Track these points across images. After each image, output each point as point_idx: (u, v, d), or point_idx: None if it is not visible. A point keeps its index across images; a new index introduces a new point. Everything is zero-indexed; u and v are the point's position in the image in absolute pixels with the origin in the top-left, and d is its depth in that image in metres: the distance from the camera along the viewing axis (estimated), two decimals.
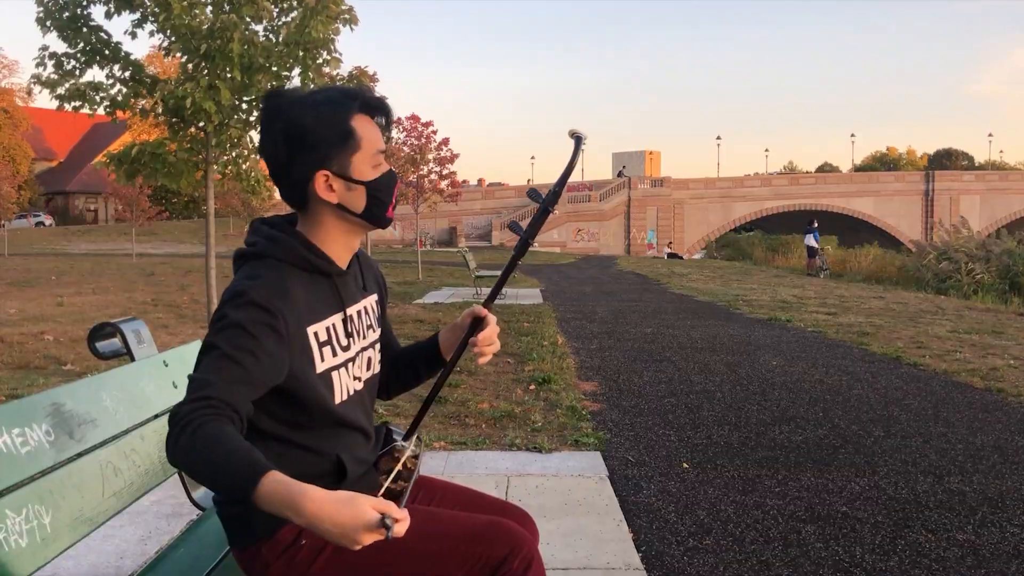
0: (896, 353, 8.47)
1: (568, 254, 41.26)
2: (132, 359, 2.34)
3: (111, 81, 6.29)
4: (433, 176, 21.54)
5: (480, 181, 71.18)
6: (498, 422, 5.40)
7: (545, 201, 1.87)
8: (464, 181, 57.01)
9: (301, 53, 6.00)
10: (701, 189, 58.93)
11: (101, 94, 6.18)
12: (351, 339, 1.80)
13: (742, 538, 3.45)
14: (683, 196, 56.99)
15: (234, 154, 6.44)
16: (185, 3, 5.82)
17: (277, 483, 1.39)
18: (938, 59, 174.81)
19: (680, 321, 11.58)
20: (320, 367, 1.70)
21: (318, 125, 1.67)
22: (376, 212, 1.75)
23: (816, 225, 28.21)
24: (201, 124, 6.22)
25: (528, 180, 77.40)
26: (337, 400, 1.75)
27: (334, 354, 1.75)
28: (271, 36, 6.20)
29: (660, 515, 3.72)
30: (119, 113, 6.34)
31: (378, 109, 1.76)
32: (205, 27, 5.75)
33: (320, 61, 6.06)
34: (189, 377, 1.55)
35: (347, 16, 6.14)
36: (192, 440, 1.43)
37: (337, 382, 1.75)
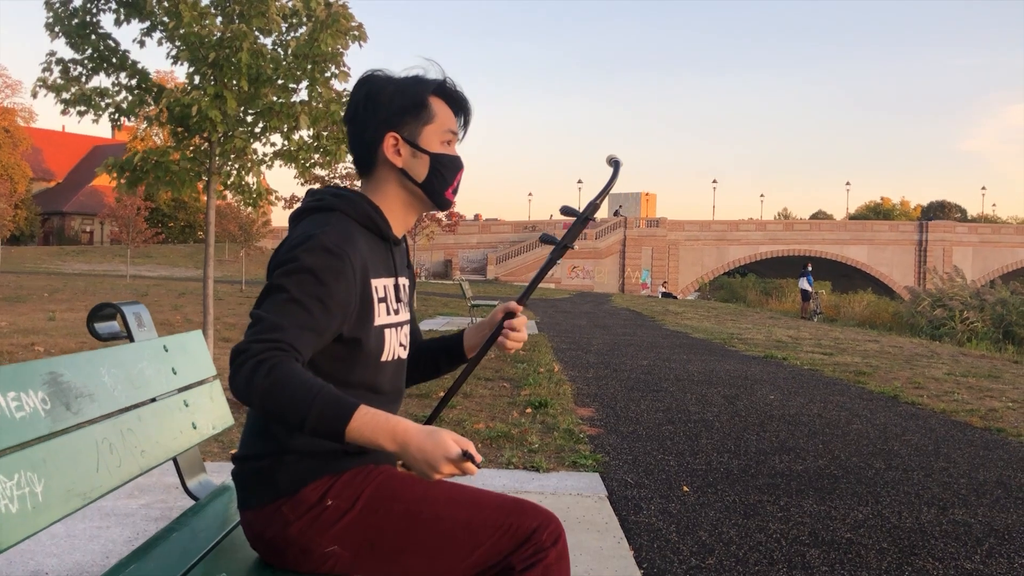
0: (894, 392, 8.41)
1: (563, 290, 41.26)
2: (132, 342, 2.28)
3: (117, 88, 6.26)
4: None
5: (477, 216, 71.38)
6: (494, 442, 5.31)
7: (586, 211, 1.94)
8: (461, 216, 57.25)
9: (310, 66, 5.99)
10: (696, 231, 59.19)
11: (107, 100, 6.15)
12: (400, 305, 1.83)
13: (746, 559, 3.37)
14: (678, 237, 57.22)
15: (237, 165, 6.39)
16: (196, 12, 5.82)
17: (369, 414, 1.48)
18: (933, 114, 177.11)
19: (676, 355, 11.51)
20: (377, 320, 1.73)
21: (396, 91, 1.78)
22: (436, 186, 1.82)
23: (810, 269, 28.29)
24: (206, 134, 6.19)
25: (527, 217, 77.69)
26: (383, 357, 1.77)
27: (388, 313, 1.77)
28: (280, 50, 6.20)
29: (661, 534, 3.63)
30: (124, 121, 6.31)
31: (456, 100, 1.86)
32: (215, 36, 5.74)
33: (328, 75, 6.05)
34: (254, 314, 1.56)
35: (356, 33, 6.15)
36: (270, 378, 1.46)
37: (388, 340, 1.78)
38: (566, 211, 1.98)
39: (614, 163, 1.92)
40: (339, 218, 1.72)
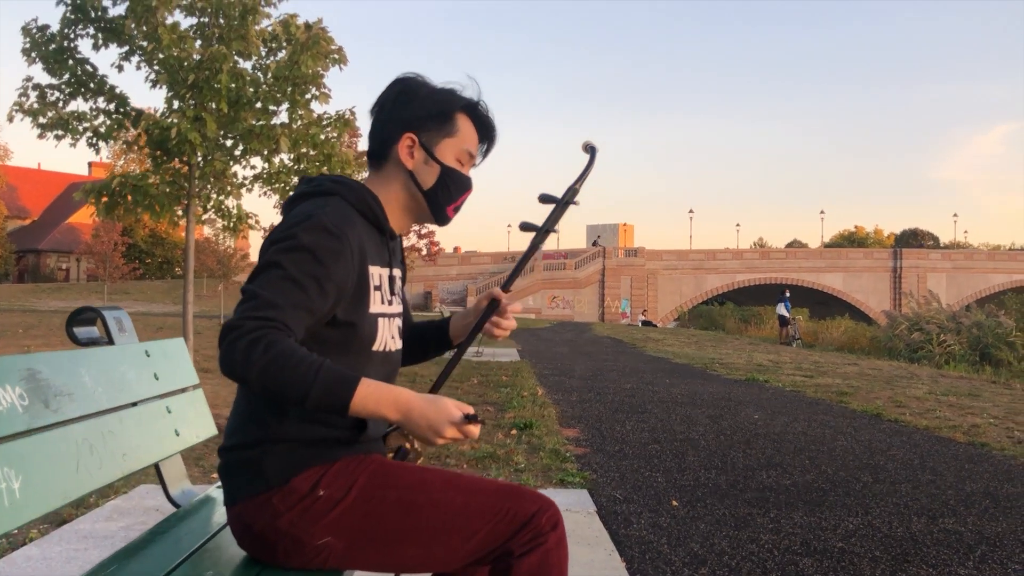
0: (876, 411, 8.41)
1: (543, 320, 41.22)
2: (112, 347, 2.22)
3: (95, 112, 6.22)
4: (412, 235, 21.57)
5: (456, 249, 71.38)
6: (480, 463, 5.24)
7: (565, 196, 1.92)
8: (440, 249, 57.29)
9: (290, 88, 5.98)
10: (674, 260, 59.49)
11: (84, 124, 6.10)
12: (393, 298, 1.80)
13: (739, 569, 3.32)
14: (657, 267, 57.47)
15: (217, 188, 6.35)
16: (175, 35, 5.80)
17: (372, 385, 1.52)
18: (904, 145, 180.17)
19: (658, 379, 11.49)
20: (372, 308, 1.71)
21: (427, 96, 1.79)
22: (440, 198, 1.81)
23: (788, 295, 28.48)
24: (185, 157, 6.15)
25: (506, 248, 77.79)
26: (375, 346, 1.74)
27: (382, 302, 1.75)
28: (259, 74, 6.19)
29: (652, 546, 3.58)
30: (102, 145, 6.26)
31: (483, 124, 1.86)
32: (195, 59, 5.72)
33: (309, 96, 6.05)
34: (246, 290, 1.53)
35: (336, 56, 6.16)
36: (268, 355, 1.45)
37: (381, 329, 1.75)
38: (544, 198, 1.95)
39: (590, 149, 1.92)
40: (338, 202, 1.70)
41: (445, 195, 1.80)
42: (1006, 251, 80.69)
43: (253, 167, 6.56)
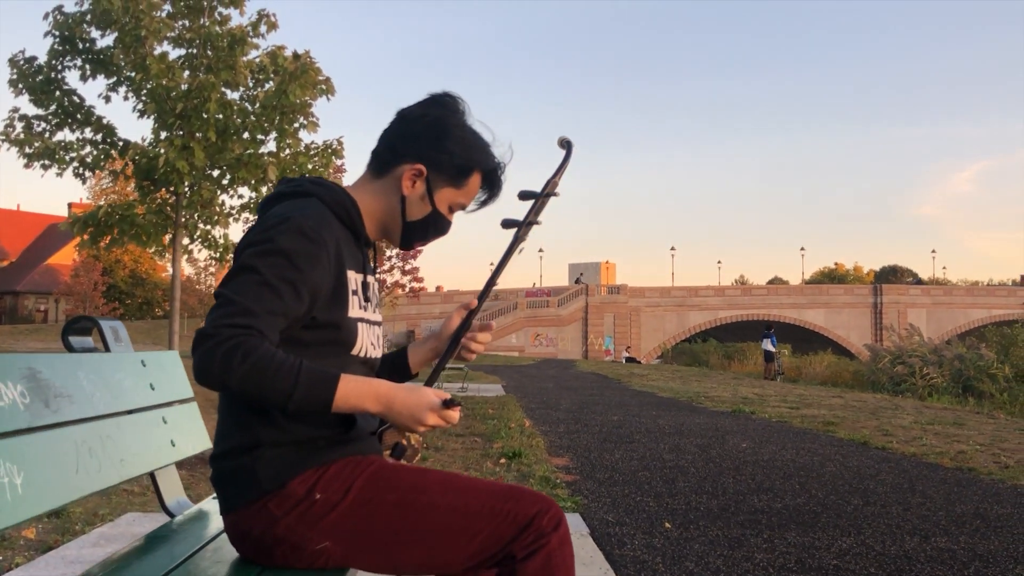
0: (863, 439, 8.43)
1: (527, 357, 41.16)
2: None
3: (81, 142, 6.23)
4: (396, 271, 21.58)
5: (438, 288, 71.40)
6: None
7: (544, 189, 1.89)
8: (423, 288, 57.35)
9: (278, 118, 6.02)
10: (657, 297, 59.75)
11: (71, 154, 6.10)
12: (369, 305, 1.77)
13: None
14: (639, 304, 57.68)
15: (204, 217, 6.34)
16: (164, 65, 5.84)
17: (352, 380, 1.53)
18: (882, 183, 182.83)
19: (645, 412, 11.48)
20: (351, 312, 1.68)
21: (457, 144, 1.75)
22: (417, 234, 1.81)
23: (773, 330, 28.60)
24: (172, 187, 6.15)
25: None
26: (355, 351, 1.71)
27: (360, 308, 1.72)
28: (247, 104, 6.23)
29: (648, 566, 3.56)
30: (88, 174, 6.26)
31: (491, 188, 1.85)
32: (183, 88, 5.75)
33: (297, 125, 6.08)
34: (220, 294, 1.51)
35: (324, 87, 6.21)
36: (247, 362, 1.44)
37: (361, 335, 1.72)
38: (523, 195, 1.91)
39: (566, 144, 1.89)
40: (316, 204, 1.67)
41: (422, 233, 1.80)
42: (984, 286, 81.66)
43: (240, 196, 6.58)
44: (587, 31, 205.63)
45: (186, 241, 6.40)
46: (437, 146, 1.74)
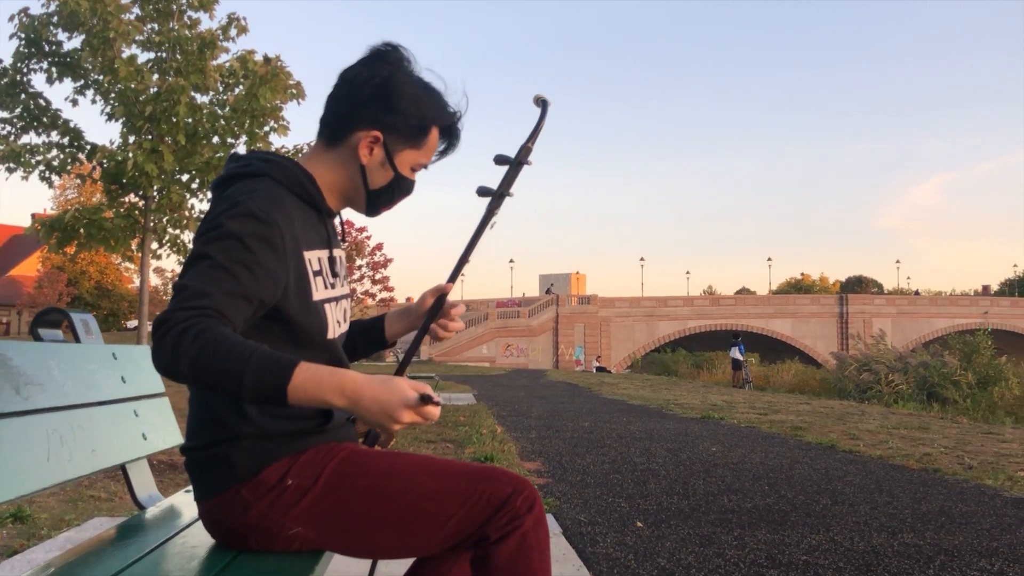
0: (831, 443, 8.53)
1: (498, 368, 41.12)
2: None
3: (48, 145, 6.15)
4: (367, 281, 21.48)
5: (408, 300, 71.19)
6: None
7: (518, 156, 1.85)
8: (392, 299, 57.17)
9: (248, 121, 5.99)
10: (627, 308, 60.03)
11: (37, 157, 6.03)
12: (336, 280, 1.73)
13: None
14: (610, 314, 57.91)
15: (172, 222, 6.29)
16: (132, 68, 5.79)
17: (311, 369, 1.38)
18: (847, 195, 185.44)
19: (616, 418, 11.52)
20: (315, 295, 1.63)
21: (410, 103, 1.67)
22: (380, 200, 1.75)
23: (741, 339, 28.85)
24: (141, 191, 6.10)
25: (459, 297, 77.64)
26: (329, 335, 1.68)
27: (325, 287, 1.68)
28: (218, 108, 6.20)
29: (620, 562, 3.58)
30: (55, 178, 6.18)
31: (451, 139, 1.77)
32: (152, 90, 5.71)
33: (268, 129, 6.06)
34: (177, 285, 1.44)
35: (295, 91, 6.20)
36: (197, 343, 1.34)
37: (330, 316, 1.68)
38: (499, 159, 1.86)
39: (542, 103, 1.82)
40: (268, 183, 1.60)
41: (387, 198, 1.75)
42: (948, 296, 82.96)
43: (210, 200, 6.53)
44: (558, 44, 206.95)
45: (155, 246, 6.34)
46: (390, 108, 1.65)
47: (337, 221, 1.83)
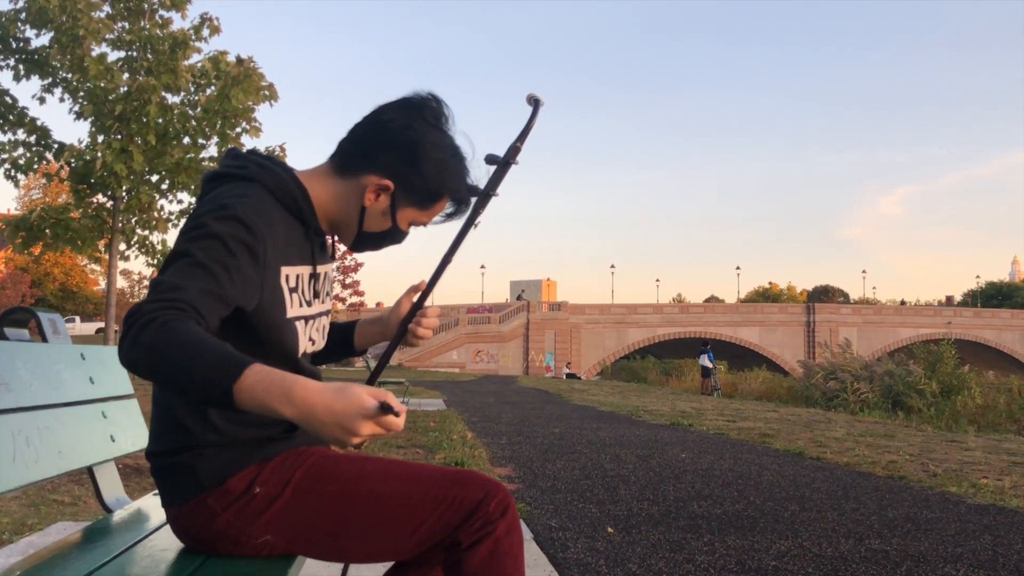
0: (798, 450, 8.60)
1: (468, 374, 41.05)
2: None
3: (14, 144, 6.06)
4: (336, 285, 21.33)
5: (379, 305, 70.90)
6: None
7: (507, 156, 1.80)
8: (363, 303, 56.86)
9: (220, 122, 5.94)
10: (597, 314, 60.22)
11: (3, 155, 5.94)
12: (315, 298, 1.71)
13: None
14: (580, 320, 58.06)
15: (141, 222, 6.21)
16: (102, 67, 5.73)
17: (262, 372, 1.26)
18: (813, 206, 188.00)
19: (586, 424, 11.54)
20: (289, 312, 1.60)
21: (434, 167, 1.65)
22: (368, 242, 1.72)
23: (710, 347, 29.06)
24: (109, 191, 6.02)
25: (430, 303, 77.38)
26: (299, 352, 1.65)
27: (300, 305, 1.64)
28: (189, 108, 6.14)
29: (592, 567, 3.58)
30: (21, 177, 6.09)
31: (459, 207, 1.75)
32: (122, 90, 5.65)
33: (239, 131, 6.01)
34: (154, 281, 1.41)
35: (267, 92, 6.16)
36: (157, 335, 1.27)
37: (302, 333, 1.65)
38: (489, 159, 1.82)
39: (534, 102, 1.78)
40: (258, 190, 1.55)
41: (375, 243, 1.72)
42: (912, 306, 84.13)
43: (180, 201, 6.48)
44: (528, 50, 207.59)
45: (123, 247, 6.26)
46: (412, 165, 1.62)
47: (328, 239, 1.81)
